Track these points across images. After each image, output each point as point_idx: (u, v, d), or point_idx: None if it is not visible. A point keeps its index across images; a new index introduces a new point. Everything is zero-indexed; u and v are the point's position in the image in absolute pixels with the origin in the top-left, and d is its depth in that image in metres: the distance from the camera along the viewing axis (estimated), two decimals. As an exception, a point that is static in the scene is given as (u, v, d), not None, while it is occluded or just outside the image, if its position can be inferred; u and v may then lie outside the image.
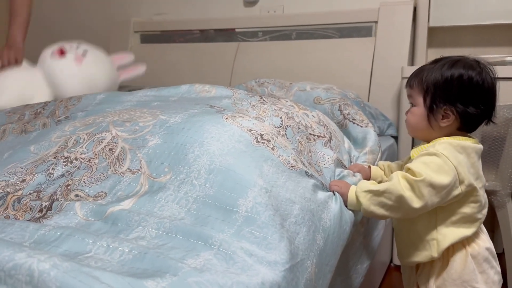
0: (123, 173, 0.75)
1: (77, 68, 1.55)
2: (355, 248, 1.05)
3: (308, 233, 0.69)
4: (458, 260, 0.87)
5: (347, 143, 1.11)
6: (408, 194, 0.80)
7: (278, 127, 0.91)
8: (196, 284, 0.49)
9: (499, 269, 0.91)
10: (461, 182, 0.82)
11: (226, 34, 2.26)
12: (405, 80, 1.57)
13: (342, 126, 1.26)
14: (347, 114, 1.29)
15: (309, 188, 0.78)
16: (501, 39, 1.82)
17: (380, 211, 0.83)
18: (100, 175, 0.76)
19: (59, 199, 0.71)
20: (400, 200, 0.80)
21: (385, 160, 1.38)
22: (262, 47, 2.14)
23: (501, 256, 1.37)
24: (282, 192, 0.71)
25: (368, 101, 1.82)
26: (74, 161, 0.80)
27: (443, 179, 0.80)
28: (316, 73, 1.93)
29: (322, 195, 0.80)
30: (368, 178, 1.01)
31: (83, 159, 0.80)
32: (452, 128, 0.88)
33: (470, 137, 0.89)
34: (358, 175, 0.97)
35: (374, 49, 1.87)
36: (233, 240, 0.60)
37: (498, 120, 0.90)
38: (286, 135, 0.90)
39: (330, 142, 0.99)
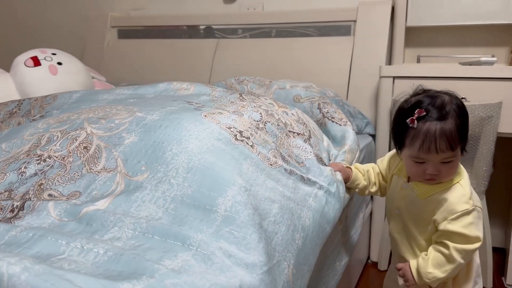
0: (98, 172, 0.74)
1: (52, 79, 1.50)
2: (334, 245, 1.05)
3: (287, 233, 0.69)
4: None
5: (326, 141, 1.12)
6: (462, 261, 0.90)
7: (257, 121, 0.90)
8: (173, 286, 0.49)
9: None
10: None
11: (205, 31, 2.24)
12: (383, 79, 1.61)
13: (321, 125, 1.27)
14: (326, 113, 1.30)
15: (289, 185, 0.78)
16: (476, 40, 1.86)
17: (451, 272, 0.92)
18: (74, 174, 0.74)
19: (32, 199, 0.69)
20: (459, 266, 0.91)
21: (363, 157, 1.40)
22: (242, 44, 2.13)
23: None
24: (261, 191, 0.71)
25: (347, 99, 1.83)
26: (47, 159, 0.78)
27: (481, 225, 0.91)
28: (295, 71, 1.94)
29: (303, 191, 0.80)
30: (348, 178, 1.01)
31: (56, 157, 0.78)
32: None
33: None
34: (338, 174, 0.98)
35: (353, 48, 1.88)
36: (212, 240, 0.59)
37: (473, 119, 0.92)
38: (265, 128, 0.89)
39: (309, 140, 0.99)
